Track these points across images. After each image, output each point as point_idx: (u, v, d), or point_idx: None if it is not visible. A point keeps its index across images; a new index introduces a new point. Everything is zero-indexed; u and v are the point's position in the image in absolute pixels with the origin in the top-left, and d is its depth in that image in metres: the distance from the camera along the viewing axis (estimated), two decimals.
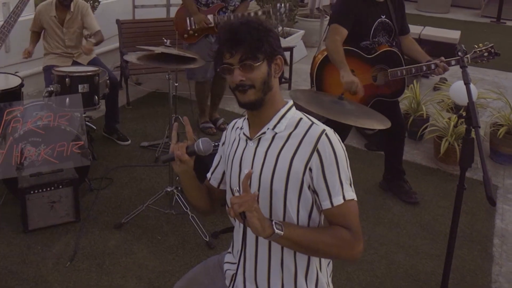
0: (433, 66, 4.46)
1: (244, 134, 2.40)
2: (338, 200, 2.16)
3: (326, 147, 2.16)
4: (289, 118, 2.30)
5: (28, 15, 6.95)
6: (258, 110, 2.29)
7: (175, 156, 2.36)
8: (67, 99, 5.06)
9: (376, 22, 4.66)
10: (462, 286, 4.10)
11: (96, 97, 5.31)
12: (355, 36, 4.66)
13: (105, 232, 4.60)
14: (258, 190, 2.27)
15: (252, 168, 2.29)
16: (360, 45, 4.70)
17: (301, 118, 2.29)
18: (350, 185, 2.21)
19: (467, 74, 3.22)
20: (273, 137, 2.28)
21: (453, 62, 4.39)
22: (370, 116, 3.70)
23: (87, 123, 5.72)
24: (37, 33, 6.17)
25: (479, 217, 4.96)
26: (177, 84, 5.31)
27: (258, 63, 2.20)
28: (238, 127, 2.49)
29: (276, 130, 2.28)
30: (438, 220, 4.90)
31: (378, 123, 3.63)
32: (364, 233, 4.64)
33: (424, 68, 4.52)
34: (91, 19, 6.26)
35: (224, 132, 2.61)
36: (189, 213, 4.63)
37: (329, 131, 2.21)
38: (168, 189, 4.83)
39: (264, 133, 2.30)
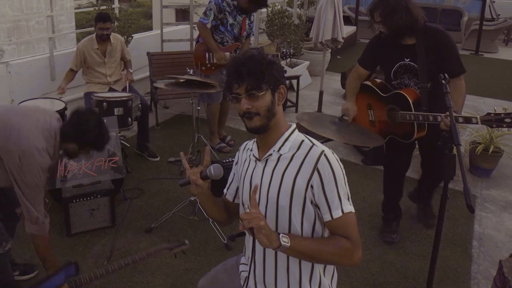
0: (439, 118, 3.75)
1: (253, 155, 2.40)
2: (337, 214, 2.15)
3: (325, 167, 2.15)
4: (292, 140, 2.29)
5: (70, 48, 7.04)
6: (265, 134, 2.29)
7: (190, 180, 2.38)
8: (104, 121, 5.11)
9: (397, 65, 4.18)
10: (446, 282, 4.09)
11: (130, 119, 5.36)
12: (385, 76, 4.35)
13: (137, 236, 4.63)
14: (266, 205, 2.28)
15: (260, 186, 2.30)
16: (392, 84, 4.29)
17: (303, 140, 2.28)
18: (348, 199, 2.19)
19: (449, 99, 3.23)
20: (279, 158, 2.28)
21: (460, 119, 3.64)
22: (365, 136, 3.71)
23: (121, 141, 5.76)
24: (73, 72, 6.22)
25: (460, 223, 4.95)
26: (199, 108, 5.34)
27: (262, 92, 2.20)
28: (248, 149, 2.49)
29: (281, 152, 2.27)
30: None
31: (372, 142, 3.65)
32: (361, 236, 4.63)
33: (431, 118, 3.81)
34: (127, 49, 6.53)
35: (237, 153, 2.61)
36: (210, 219, 4.64)
37: (328, 151, 2.19)
38: (192, 198, 4.85)
39: (271, 154, 2.30)
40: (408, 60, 4.12)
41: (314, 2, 12.17)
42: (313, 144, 2.24)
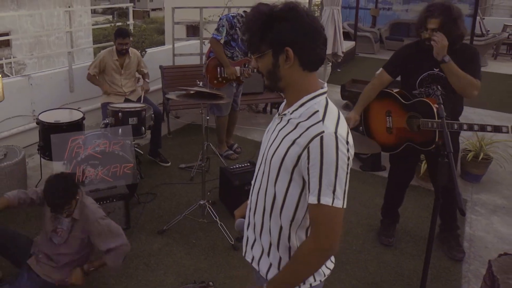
0: (465, 127, 3.70)
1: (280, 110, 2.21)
2: (312, 200, 1.88)
3: (316, 149, 1.85)
4: (308, 107, 1.97)
5: (88, 61, 7.11)
6: (283, 93, 2.08)
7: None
8: (120, 130, 5.14)
9: (425, 74, 4.02)
10: (438, 280, 4.09)
11: (143, 128, 5.38)
12: (406, 84, 4.19)
13: (150, 237, 4.64)
14: (265, 161, 2.11)
15: (268, 140, 2.13)
16: (412, 93, 4.12)
17: (317, 111, 1.95)
18: (333, 192, 1.87)
19: (442, 109, 3.24)
20: (288, 121, 2.02)
21: (488, 128, 3.65)
22: (363, 143, 3.72)
23: (136, 149, 5.78)
24: (96, 76, 6.29)
25: None
26: (208, 117, 5.36)
27: (257, 55, 1.98)
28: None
29: (292, 116, 2.00)
30: (419, 227, 4.89)
31: (369, 149, 3.65)
32: (359, 237, 4.67)
33: (456, 126, 3.71)
34: (143, 63, 6.62)
35: None
36: (218, 221, 4.67)
37: (328, 135, 1.86)
38: (201, 202, 4.86)
39: (285, 114, 2.05)
40: (437, 70, 3.97)
41: None
42: (320, 121, 1.91)
